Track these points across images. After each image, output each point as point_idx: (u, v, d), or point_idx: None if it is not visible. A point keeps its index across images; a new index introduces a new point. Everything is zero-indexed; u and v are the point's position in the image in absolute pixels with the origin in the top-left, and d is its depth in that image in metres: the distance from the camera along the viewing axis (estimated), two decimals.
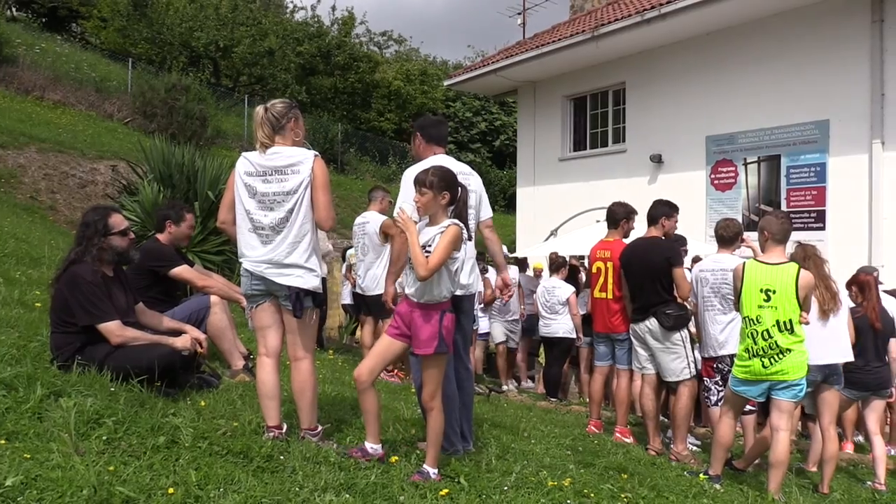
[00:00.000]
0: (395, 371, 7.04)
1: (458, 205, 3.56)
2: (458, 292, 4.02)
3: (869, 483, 5.90)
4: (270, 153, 3.56)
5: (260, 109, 3.62)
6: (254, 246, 3.59)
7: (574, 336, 8.73)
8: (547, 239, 14.62)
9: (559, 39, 13.84)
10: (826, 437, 5.40)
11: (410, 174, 3.88)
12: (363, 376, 3.52)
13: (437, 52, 64.30)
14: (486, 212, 4.38)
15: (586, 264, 7.81)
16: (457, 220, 3.48)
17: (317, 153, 3.62)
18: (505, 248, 7.37)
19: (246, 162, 3.62)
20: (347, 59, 30.41)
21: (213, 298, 5.11)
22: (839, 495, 5.31)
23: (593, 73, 14.63)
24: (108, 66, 23.53)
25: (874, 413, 6.16)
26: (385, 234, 6.56)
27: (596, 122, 15.14)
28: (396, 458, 3.56)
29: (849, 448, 7.25)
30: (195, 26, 26.90)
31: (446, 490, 3.22)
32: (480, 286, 4.31)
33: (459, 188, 3.57)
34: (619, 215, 6.11)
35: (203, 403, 4.03)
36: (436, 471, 3.43)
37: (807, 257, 5.25)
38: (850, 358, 5.47)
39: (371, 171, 26.06)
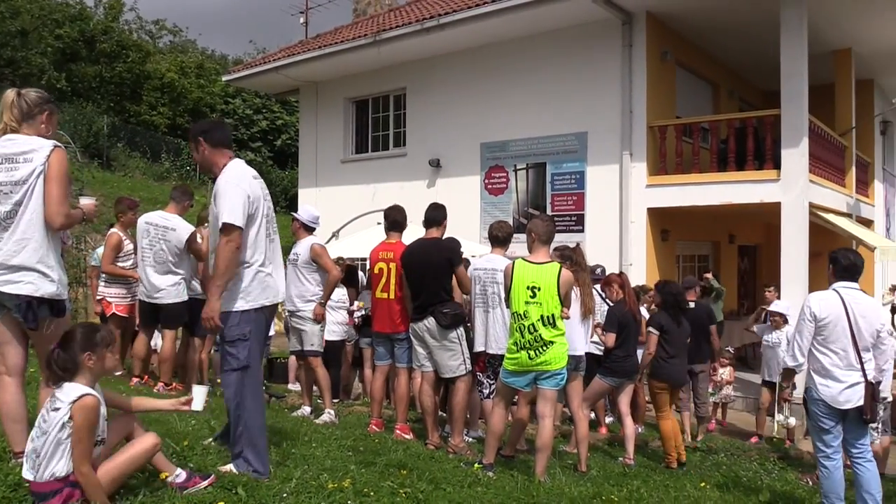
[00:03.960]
0: (174, 385, 6.64)
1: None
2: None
3: (620, 459, 6.57)
4: (5, 140, 3.21)
5: (11, 93, 3.29)
6: None
7: (345, 337, 9.12)
8: (328, 241, 14.54)
9: (342, 41, 13.87)
10: (576, 419, 5.96)
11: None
12: None
13: (216, 45, 61.63)
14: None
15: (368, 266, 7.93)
16: None
17: (59, 144, 3.29)
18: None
19: None
20: (115, 47, 28.07)
21: None
22: (596, 472, 5.85)
23: (376, 78, 14.85)
24: None
25: (626, 396, 6.86)
26: (196, 249, 6.50)
27: (378, 126, 15.40)
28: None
29: (603, 430, 8.03)
30: None
31: (223, 502, 3.11)
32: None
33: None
34: (401, 218, 6.29)
35: None
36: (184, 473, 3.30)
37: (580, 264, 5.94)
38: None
39: (142, 168, 24.17)
